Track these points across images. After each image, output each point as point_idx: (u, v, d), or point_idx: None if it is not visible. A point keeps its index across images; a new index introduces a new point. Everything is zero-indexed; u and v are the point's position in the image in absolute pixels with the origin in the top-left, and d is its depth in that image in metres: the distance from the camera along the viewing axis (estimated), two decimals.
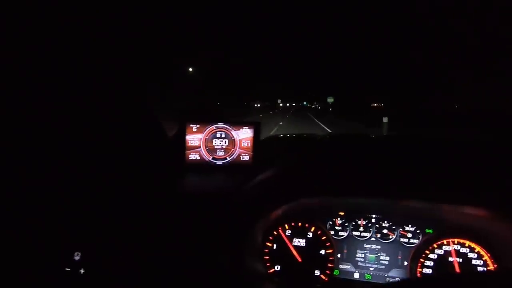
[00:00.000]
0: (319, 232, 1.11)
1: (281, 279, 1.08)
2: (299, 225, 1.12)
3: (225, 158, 1.26)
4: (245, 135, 1.25)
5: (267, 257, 1.10)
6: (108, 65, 1.07)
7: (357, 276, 1.08)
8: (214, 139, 1.24)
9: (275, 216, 1.08)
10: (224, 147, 1.25)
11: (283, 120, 24.04)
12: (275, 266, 1.09)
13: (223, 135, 1.25)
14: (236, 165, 1.25)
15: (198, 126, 1.23)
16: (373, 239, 1.10)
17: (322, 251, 1.09)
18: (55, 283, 0.88)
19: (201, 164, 1.24)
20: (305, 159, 1.24)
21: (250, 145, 1.25)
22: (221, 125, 1.24)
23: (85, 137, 1.08)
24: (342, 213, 1.13)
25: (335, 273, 1.09)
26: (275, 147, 1.46)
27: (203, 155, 1.24)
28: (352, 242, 1.11)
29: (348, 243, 1.11)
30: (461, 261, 1.01)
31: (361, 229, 1.11)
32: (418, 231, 1.08)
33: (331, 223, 1.13)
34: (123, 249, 0.89)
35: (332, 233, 1.12)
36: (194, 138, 1.23)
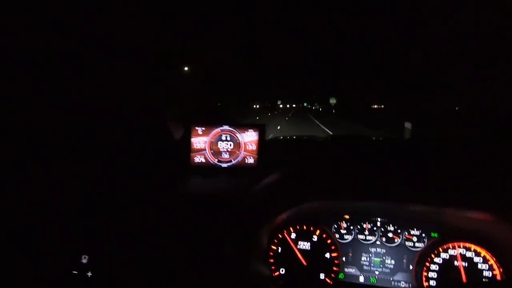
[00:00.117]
0: (324, 235, 1.11)
1: (286, 282, 1.08)
2: (304, 228, 1.12)
3: (230, 160, 1.26)
4: (250, 138, 1.25)
5: (272, 260, 1.10)
6: (116, 66, 1.08)
7: (362, 279, 1.08)
8: (219, 142, 1.25)
9: (280, 219, 1.09)
10: (229, 150, 1.25)
11: (281, 122, 21.31)
12: (280, 269, 1.09)
13: (229, 138, 1.25)
14: (241, 167, 1.25)
15: (203, 128, 1.23)
16: (378, 242, 1.11)
17: (327, 255, 1.10)
18: (63, 286, 0.88)
19: (206, 166, 1.24)
20: (309, 163, 1.24)
21: (255, 148, 1.25)
22: (226, 127, 1.24)
23: (94, 142, 1.08)
24: (347, 217, 1.13)
25: (340, 276, 1.09)
26: (278, 149, 1.46)
27: (208, 158, 1.24)
28: (357, 245, 1.11)
29: (353, 246, 1.11)
30: (466, 265, 1.02)
31: (366, 233, 1.11)
32: (423, 235, 1.08)
33: (336, 226, 1.13)
34: (130, 252, 0.89)
35: (337, 236, 1.12)
36: (199, 140, 1.23)
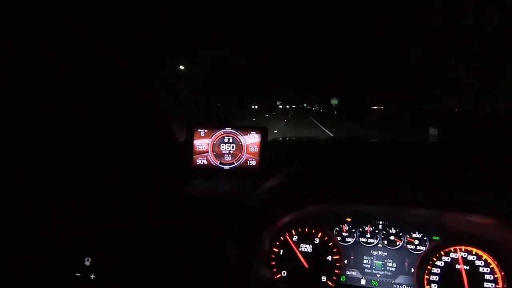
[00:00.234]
0: (326, 238, 1.11)
1: (288, 285, 1.08)
2: (306, 231, 1.13)
3: (233, 163, 1.26)
4: (252, 140, 1.25)
5: (274, 263, 1.10)
6: (120, 68, 1.08)
7: (363, 282, 1.09)
8: (221, 144, 1.25)
9: (283, 222, 1.09)
10: (231, 152, 1.25)
11: (279, 125, 19.04)
12: (282, 271, 1.09)
13: (231, 140, 1.25)
14: (243, 170, 1.26)
15: (206, 131, 1.24)
16: (380, 245, 1.11)
17: (328, 257, 1.10)
18: None
19: (209, 168, 1.25)
20: (311, 166, 1.25)
21: (257, 150, 1.26)
22: (228, 130, 1.25)
23: (97, 144, 1.08)
24: (349, 219, 1.13)
25: (341, 279, 1.09)
26: (280, 151, 1.46)
27: (210, 160, 1.25)
28: (359, 248, 1.12)
29: (355, 249, 1.12)
30: (468, 268, 1.02)
31: (368, 236, 1.12)
32: (425, 238, 1.08)
33: (338, 229, 1.14)
34: (133, 254, 0.89)
35: (339, 239, 1.13)
36: (202, 143, 1.24)
